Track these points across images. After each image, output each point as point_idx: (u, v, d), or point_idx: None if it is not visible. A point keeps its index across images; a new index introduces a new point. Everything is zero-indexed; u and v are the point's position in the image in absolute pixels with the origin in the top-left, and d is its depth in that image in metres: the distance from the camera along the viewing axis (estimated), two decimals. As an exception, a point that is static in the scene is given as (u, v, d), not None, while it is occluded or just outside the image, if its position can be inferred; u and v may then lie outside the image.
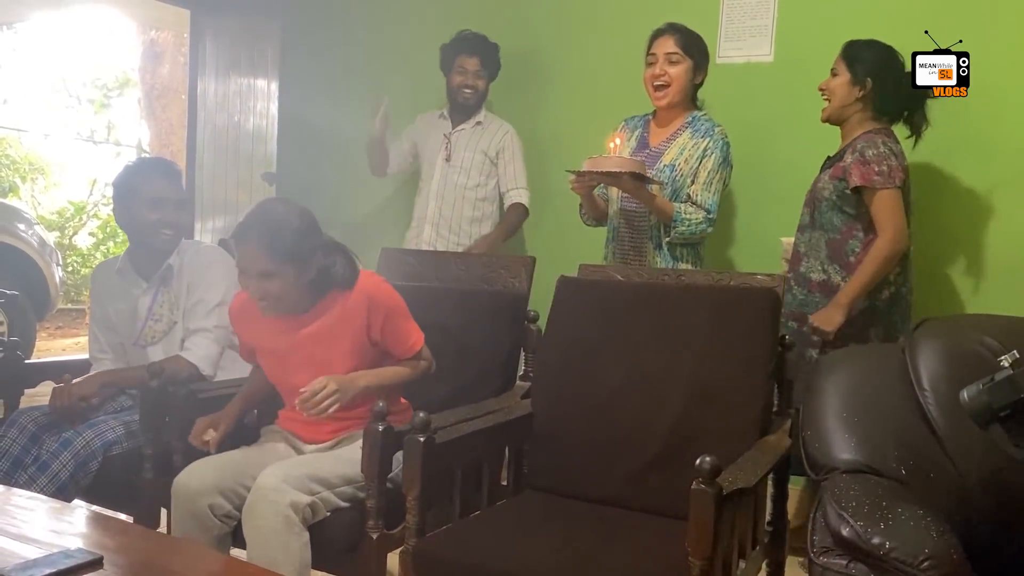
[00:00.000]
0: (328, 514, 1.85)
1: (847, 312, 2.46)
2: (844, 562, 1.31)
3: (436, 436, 1.77)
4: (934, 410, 1.64)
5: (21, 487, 1.95)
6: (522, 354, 2.37)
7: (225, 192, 4.17)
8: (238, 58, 4.12)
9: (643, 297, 2.17)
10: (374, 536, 1.78)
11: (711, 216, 2.61)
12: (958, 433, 1.56)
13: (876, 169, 2.46)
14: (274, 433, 2.11)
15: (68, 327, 7.66)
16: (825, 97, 2.65)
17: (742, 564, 1.75)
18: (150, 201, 2.30)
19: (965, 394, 1.24)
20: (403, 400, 2.15)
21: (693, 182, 2.64)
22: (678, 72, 2.68)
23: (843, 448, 1.59)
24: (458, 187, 3.31)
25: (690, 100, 2.77)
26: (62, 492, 2.03)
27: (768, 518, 1.99)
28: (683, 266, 2.67)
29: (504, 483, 2.14)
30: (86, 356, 2.48)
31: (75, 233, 8.89)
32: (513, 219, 3.37)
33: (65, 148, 9.56)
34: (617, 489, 2.00)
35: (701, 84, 2.77)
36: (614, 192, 2.78)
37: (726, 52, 3.29)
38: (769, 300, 2.01)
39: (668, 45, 2.70)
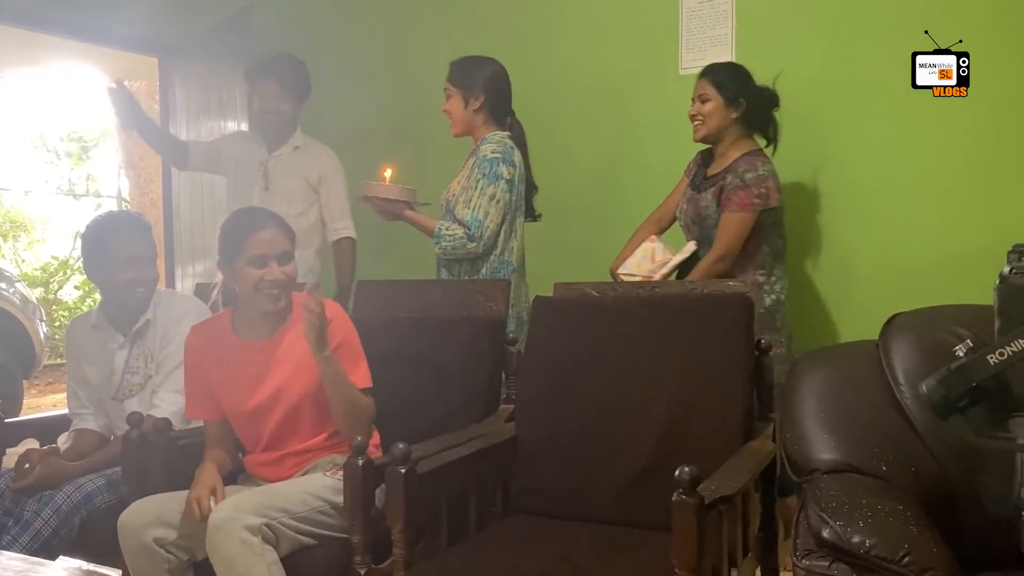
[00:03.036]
0: (310, 542, 1.86)
1: None
2: (827, 563, 1.30)
3: (418, 466, 1.76)
4: (911, 404, 1.64)
5: (3, 548, 1.93)
6: (504, 377, 2.37)
7: (203, 238, 4.16)
8: (207, 103, 4.13)
9: (619, 312, 2.18)
10: (362, 572, 1.76)
11: (471, 232, 2.63)
12: (936, 425, 1.55)
13: (756, 192, 2.63)
14: (243, 478, 2.13)
15: (58, 382, 7.62)
16: (698, 122, 2.75)
17: (734, 573, 1.74)
18: (123, 260, 2.29)
19: (923, 387, 1.24)
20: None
21: (459, 201, 2.72)
22: (451, 106, 2.80)
23: (823, 449, 1.59)
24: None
25: (483, 126, 2.79)
26: (45, 549, 2.01)
27: (758, 524, 1.99)
28: None
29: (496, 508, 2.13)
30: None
31: (60, 288, 8.86)
32: (349, 258, 3.21)
33: (47, 203, 9.56)
34: (606, 506, 1.99)
35: (482, 108, 2.78)
36: None
37: (688, 63, 3.31)
38: (743, 306, 2.02)
39: (445, 83, 2.81)
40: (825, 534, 1.31)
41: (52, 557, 2.03)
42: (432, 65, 3.08)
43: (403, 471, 1.71)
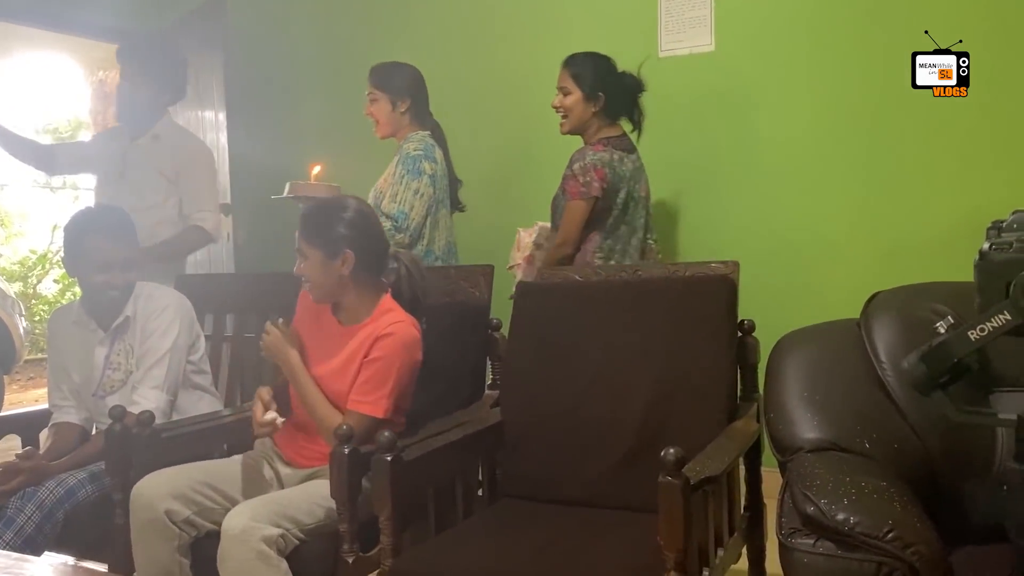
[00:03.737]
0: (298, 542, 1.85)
1: None
2: (812, 541, 1.31)
3: (404, 454, 1.76)
4: (893, 381, 1.65)
5: (-14, 545, 1.92)
6: (488, 363, 2.37)
7: (182, 228, 4.12)
8: (183, 92, 4.08)
9: (602, 296, 2.18)
10: (349, 560, 1.77)
11: (398, 224, 2.75)
12: (917, 402, 1.57)
13: (581, 181, 2.69)
14: (261, 446, 2.15)
15: (40, 377, 7.55)
16: (562, 114, 2.81)
17: (720, 552, 1.75)
18: (96, 264, 2.26)
19: (905, 363, 1.25)
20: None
21: (385, 196, 2.82)
22: (378, 109, 2.90)
23: (807, 428, 1.60)
24: (129, 209, 2.76)
25: (407, 127, 2.90)
26: (29, 545, 1.99)
27: (744, 503, 2.01)
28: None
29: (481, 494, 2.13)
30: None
31: (39, 282, 8.77)
32: (184, 242, 2.99)
33: (23, 197, 9.43)
34: (592, 489, 2.00)
35: (408, 110, 2.89)
36: None
37: (668, 45, 3.31)
38: (725, 287, 2.02)
39: (368, 88, 2.91)
40: (810, 511, 1.31)
41: (37, 553, 2.01)
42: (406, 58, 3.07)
43: (389, 459, 1.71)
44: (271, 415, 1.98)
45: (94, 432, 2.38)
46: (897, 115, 2.95)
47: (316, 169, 2.80)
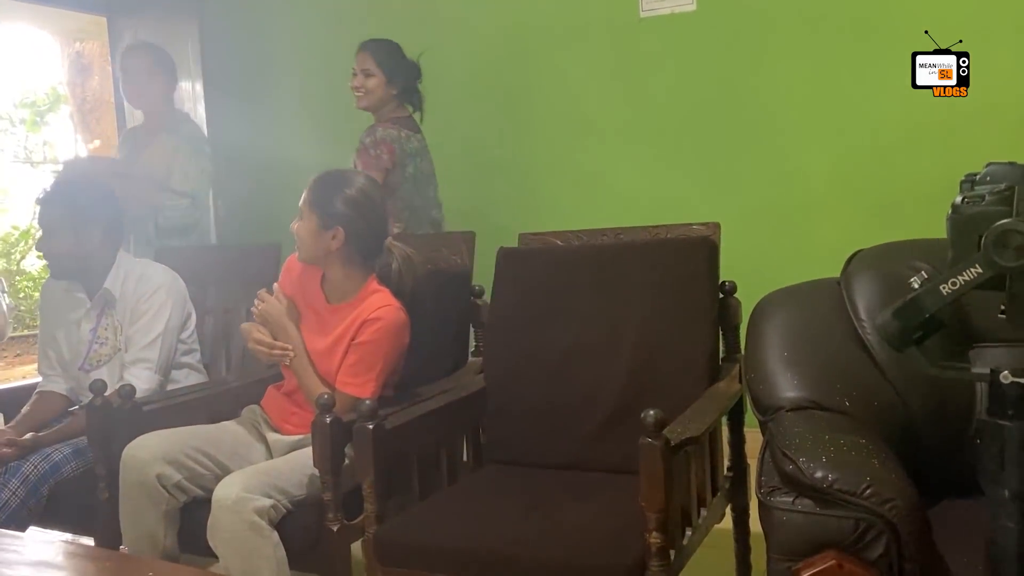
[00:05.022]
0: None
1: None
2: (791, 499, 1.31)
3: (385, 422, 1.76)
4: (872, 339, 1.65)
5: (-30, 521, 1.92)
6: (472, 330, 2.36)
7: (163, 200, 4.08)
8: (160, 61, 4.01)
9: (584, 260, 2.17)
10: (334, 528, 1.77)
11: (197, 202, 3.04)
12: (897, 359, 1.56)
13: (373, 154, 2.86)
14: (250, 412, 2.15)
15: (26, 354, 7.51)
16: (360, 93, 2.95)
17: (703, 512, 1.76)
18: (43, 231, 2.27)
19: (879, 320, 1.25)
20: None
21: (170, 175, 2.98)
22: (153, 88, 3.08)
23: (787, 387, 1.60)
24: None
25: (173, 108, 3.16)
26: (14, 520, 2.00)
27: (727, 463, 2.02)
28: None
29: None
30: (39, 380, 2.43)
31: (23, 258, 8.68)
32: None
33: (3, 172, 9.32)
34: (576, 452, 2.01)
35: (171, 92, 3.14)
36: None
37: (649, 5, 3.27)
38: (706, 248, 2.02)
39: (151, 65, 3.09)
40: (788, 470, 1.32)
41: (22, 528, 2.02)
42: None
43: (370, 427, 1.71)
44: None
45: (78, 405, 2.37)
46: (878, 73, 2.93)
47: (95, 143, 2.92)
